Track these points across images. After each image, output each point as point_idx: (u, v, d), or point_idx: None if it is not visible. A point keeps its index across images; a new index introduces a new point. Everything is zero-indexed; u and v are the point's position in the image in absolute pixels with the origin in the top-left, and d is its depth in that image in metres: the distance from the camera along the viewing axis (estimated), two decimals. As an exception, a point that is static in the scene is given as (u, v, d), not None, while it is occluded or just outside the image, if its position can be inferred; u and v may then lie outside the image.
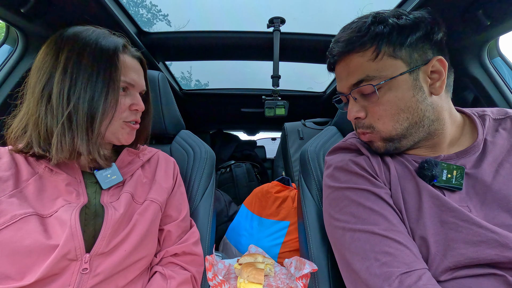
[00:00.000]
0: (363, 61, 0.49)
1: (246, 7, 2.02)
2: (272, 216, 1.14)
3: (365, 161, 0.55)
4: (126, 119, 0.56)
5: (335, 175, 0.57)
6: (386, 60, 0.47)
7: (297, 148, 1.41)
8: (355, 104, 0.52)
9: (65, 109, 0.48)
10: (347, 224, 0.49)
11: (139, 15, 3.73)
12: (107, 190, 0.56)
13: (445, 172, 0.47)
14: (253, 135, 3.10)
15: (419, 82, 0.48)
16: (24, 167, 0.51)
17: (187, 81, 2.31)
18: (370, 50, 0.48)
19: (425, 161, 0.49)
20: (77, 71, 0.48)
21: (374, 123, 0.50)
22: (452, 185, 0.47)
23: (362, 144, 0.59)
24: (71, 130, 0.49)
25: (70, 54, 0.49)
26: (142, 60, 0.62)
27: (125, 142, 0.58)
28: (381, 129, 0.50)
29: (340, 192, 0.54)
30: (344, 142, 0.63)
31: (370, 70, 0.48)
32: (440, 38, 0.49)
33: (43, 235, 0.45)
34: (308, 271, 0.63)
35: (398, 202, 0.49)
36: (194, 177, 0.81)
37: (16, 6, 0.71)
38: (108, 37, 0.54)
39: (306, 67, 1.56)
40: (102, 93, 0.49)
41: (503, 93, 0.90)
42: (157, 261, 0.60)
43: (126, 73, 0.55)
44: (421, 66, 0.48)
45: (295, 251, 1.04)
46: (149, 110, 0.67)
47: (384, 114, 0.49)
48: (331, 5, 1.96)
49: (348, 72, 0.51)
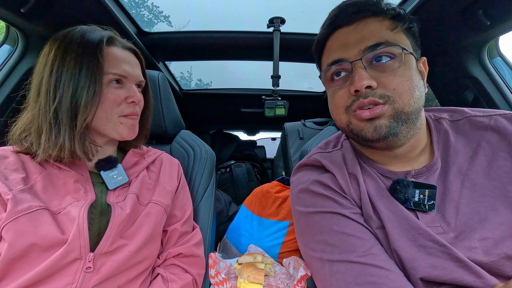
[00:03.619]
0: (381, 27, 0.45)
1: (246, 7, 2.02)
2: (272, 216, 1.14)
3: (331, 179, 0.53)
4: (122, 112, 0.55)
5: (301, 197, 0.54)
6: (401, 34, 0.46)
7: (297, 148, 1.41)
8: (365, 72, 0.44)
9: (51, 105, 0.49)
10: (324, 255, 0.47)
11: (140, 16, 3.74)
12: (113, 191, 0.56)
13: (417, 193, 0.46)
14: (253, 135, 3.10)
15: (418, 71, 0.47)
16: (31, 165, 0.52)
17: (187, 81, 2.31)
18: (388, 20, 0.46)
19: (397, 182, 0.47)
20: (62, 68, 0.49)
21: (390, 92, 0.43)
22: (425, 205, 0.45)
23: (329, 158, 0.56)
24: (57, 125, 0.49)
25: (56, 53, 0.50)
26: (135, 52, 0.60)
27: (127, 137, 0.58)
28: (397, 99, 0.43)
29: (309, 217, 0.51)
30: (308, 159, 0.60)
31: (389, 37, 0.45)
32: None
33: (57, 229, 0.46)
34: (302, 275, 0.63)
35: (370, 221, 0.47)
36: (194, 177, 0.81)
37: (16, 6, 0.71)
38: (94, 31, 0.54)
39: (306, 67, 1.56)
40: (84, 86, 0.49)
41: (503, 93, 0.90)
42: (160, 262, 0.60)
43: (116, 65, 0.54)
44: (418, 57, 0.48)
45: (295, 251, 1.04)
46: (149, 104, 0.66)
47: (401, 85, 0.43)
48: (331, 6, 1.97)
49: (361, 36, 0.45)
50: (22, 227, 0.43)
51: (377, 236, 0.46)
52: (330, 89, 0.51)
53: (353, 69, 0.45)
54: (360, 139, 0.48)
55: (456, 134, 0.50)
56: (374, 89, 0.44)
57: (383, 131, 0.44)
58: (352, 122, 0.47)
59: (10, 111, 0.81)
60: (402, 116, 0.44)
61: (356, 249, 0.44)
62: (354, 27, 0.47)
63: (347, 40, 0.47)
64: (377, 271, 0.41)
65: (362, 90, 0.44)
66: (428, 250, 0.41)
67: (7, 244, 0.42)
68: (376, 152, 0.52)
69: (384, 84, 0.44)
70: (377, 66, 0.45)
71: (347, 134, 0.52)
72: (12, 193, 0.46)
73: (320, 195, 0.51)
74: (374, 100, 0.44)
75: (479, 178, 0.45)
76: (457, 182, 0.45)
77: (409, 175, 0.48)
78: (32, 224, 0.44)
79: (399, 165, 0.51)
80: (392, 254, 0.44)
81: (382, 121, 0.44)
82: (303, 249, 0.53)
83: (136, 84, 0.59)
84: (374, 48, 0.44)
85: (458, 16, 0.80)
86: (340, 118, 0.50)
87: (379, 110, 0.44)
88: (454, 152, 0.48)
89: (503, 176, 0.44)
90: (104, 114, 0.53)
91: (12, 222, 0.43)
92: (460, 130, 0.51)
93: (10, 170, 0.50)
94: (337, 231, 0.46)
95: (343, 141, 0.60)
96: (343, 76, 0.48)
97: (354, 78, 0.45)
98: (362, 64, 0.44)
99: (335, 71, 0.49)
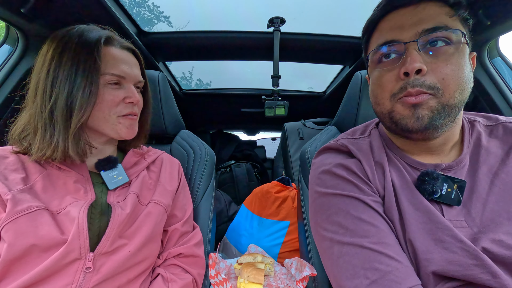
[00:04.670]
0: (441, 12, 0.44)
1: (246, 7, 2.02)
2: (272, 216, 1.14)
3: (356, 165, 0.52)
4: (121, 113, 0.55)
5: (322, 178, 0.54)
6: (459, 22, 0.45)
7: (297, 148, 1.41)
8: (418, 55, 0.43)
9: (47, 105, 0.49)
10: (335, 235, 0.47)
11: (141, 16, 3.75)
12: (113, 191, 0.56)
13: (446, 186, 0.45)
14: (253, 135, 3.10)
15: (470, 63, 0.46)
16: (31, 165, 0.51)
17: (188, 81, 2.31)
18: (447, 7, 0.45)
19: (426, 174, 0.47)
20: (58, 67, 0.49)
21: (438, 82, 0.42)
22: (451, 199, 0.45)
23: (356, 145, 0.55)
24: (52, 126, 0.49)
25: (54, 52, 0.50)
26: (134, 51, 0.60)
27: (126, 136, 0.57)
28: (444, 91, 0.42)
29: (326, 198, 0.51)
30: (335, 143, 0.59)
31: (448, 23, 0.43)
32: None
33: (56, 229, 0.46)
34: (307, 274, 0.63)
35: (391, 212, 0.47)
36: (194, 177, 0.81)
37: (16, 6, 0.71)
38: (92, 30, 0.53)
39: (306, 67, 1.56)
40: (80, 86, 0.49)
41: (503, 93, 0.90)
42: (160, 262, 0.60)
43: (115, 65, 0.53)
44: (470, 51, 0.47)
45: (295, 251, 1.04)
46: (148, 104, 0.66)
47: (451, 74, 0.42)
48: (330, 5, 1.97)
49: (419, 18, 0.44)
50: (22, 227, 0.43)
51: (395, 227, 0.46)
52: (377, 70, 0.49)
53: (405, 51, 0.44)
54: (399, 128, 0.47)
55: (488, 137, 0.51)
56: (424, 75, 0.43)
57: (425, 122, 0.43)
58: (395, 110, 0.46)
59: (10, 111, 0.81)
60: (446, 109, 0.43)
61: (369, 235, 0.43)
62: (412, 8, 0.45)
63: (403, 22, 0.45)
64: (387, 260, 0.41)
65: (412, 74, 0.42)
66: (445, 244, 0.41)
67: (7, 245, 0.42)
68: (409, 142, 0.51)
69: (434, 71, 0.42)
70: (432, 51, 0.43)
71: (383, 122, 0.51)
72: (12, 193, 0.46)
73: (342, 178, 0.51)
74: (421, 90, 0.43)
75: (510, 178, 0.45)
76: (486, 180, 0.45)
77: (439, 167, 0.48)
78: (31, 225, 0.44)
79: (429, 157, 0.51)
80: (406, 246, 0.44)
81: (425, 112, 0.43)
82: (315, 228, 0.52)
83: (134, 85, 0.58)
84: (432, 31, 0.43)
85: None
86: (383, 103, 0.48)
87: (424, 98, 0.43)
88: (486, 153, 0.48)
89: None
90: (102, 114, 0.53)
91: (11, 222, 0.43)
92: (494, 134, 0.51)
93: (10, 170, 0.49)
94: (353, 215, 0.46)
95: (372, 129, 0.59)
96: (394, 58, 0.46)
97: (406, 60, 0.43)
98: (417, 46, 0.43)
99: (386, 53, 0.47)
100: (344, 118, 0.92)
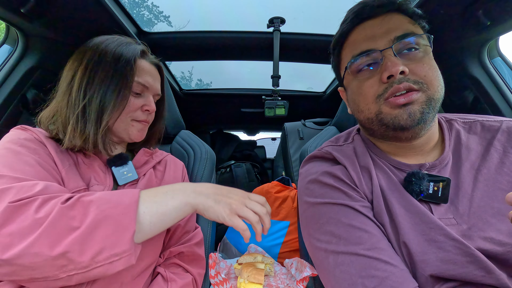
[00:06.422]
0: (405, 20, 0.48)
1: (246, 7, 2.02)
2: (272, 216, 1.14)
3: (342, 171, 0.53)
4: (136, 118, 0.60)
5: (310, 188, 0.54)
6: (421, 29, 0.49)
7: (297, 148, 1.41)
8: (397, 59, 0.46)
9: (81, 101, 0.54)
10: (329, 246, 0.47)
11: (140, 16, 3.74)
12: (122, 187, 0.58)
13: (432, 185, 0.46)
14: (253, 135, 3.10)
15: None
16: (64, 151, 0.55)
17: (188, 81, 2.31)
18: (408, 16, 0.49)
19: (412, 174, 0.48)
20: (96, 70, 0.55)
21: (422, 79, 0.45)
22: (438, 197, 0.46)
23: (340, 152, 0.57)
24: (84, 120, 0.54)
25: (92, 56, 0.56)
26: (159, 67, 0.67)
27: (135, 138, 0.62)
28: (429, 85, 0.45)
29: (316, 208, 0.51)
30: (319, 151, 0.60)
31: (414, 29, 0.48)
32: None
33: None
34: (308, 274, 0.63)
35: (381, 215, 0.47)
36: (194, 177, 0.81)
37: (16, 6, 0.71)
38: (130, 44, 0.60)
39: (306, 67, 1.56)
40: (114, 91, 0.55)
41: (503, 93, 0.90)
42: (161, 261, 0.61)
43: (141, 75, 0.59)
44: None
45: (295, 251, 1.04)
46: (163, 114, 0.72)
47: (430, 72, 0.46)
48: (330, 5, 1.97)
49: (388, 27, 0.48)
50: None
51: (386, 231, 0.46)
52: (356, 80, 0.51)
53: (383, 58, 0.47)
54: (390, 129, 0.48)
55: (468, 134, 0.52)
56: (407, 75, 0.45)
57: (417, 117, 0.45)
58: (383, 111, 0.47)
59: (10, 111, 0.81)
60: (432, 103, 0.45)
61: (362, 242, 0.44)
62: (380, 19, 0.49)
63: (374, 32, 0.48)
64: (382, 266, 0.41)
65: (397, 75, 0.44)
66: (439, 244, 0.42)
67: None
68: (392, 144, 0.52)
69: (414, 72, 0.45)
70: (406, 55, 0.47)
71: (370, 127, 0.51)
72: (65, 169, 0.51)
73: (329, 186, 0.51)
74: (410, 86, 0.44)
75: (492, 173, 0.46)
76: (470, 177, 0.46)
77: (423, 167, 0.49)
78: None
79: (413, 158, 0.52)
80: (400, 249, 0.44)
81: (415, 107, 0.45)
82: (308, 239, 0.52)
83: (153, 96, 0.64)
84: (403, 37, 0.46)
85: (458, 15, 0.80)
86: (368, 108, 0.49)
87: (414, 96, 0.44)
88: (467, 149, 0.49)
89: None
90: (120, 117, 0.58)
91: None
92: (472, 130, 0.52)
93: (58, 151, 0.53)
94: (344, 223, 0.46)
95: (354, 135, 0.61)
96: (372, 65, 0.49)
97: (386, 65, 0.45)
98: (393, 52, 0.46)
99: (364, 63, 0.49)
100: (344, 118, 0.92)
